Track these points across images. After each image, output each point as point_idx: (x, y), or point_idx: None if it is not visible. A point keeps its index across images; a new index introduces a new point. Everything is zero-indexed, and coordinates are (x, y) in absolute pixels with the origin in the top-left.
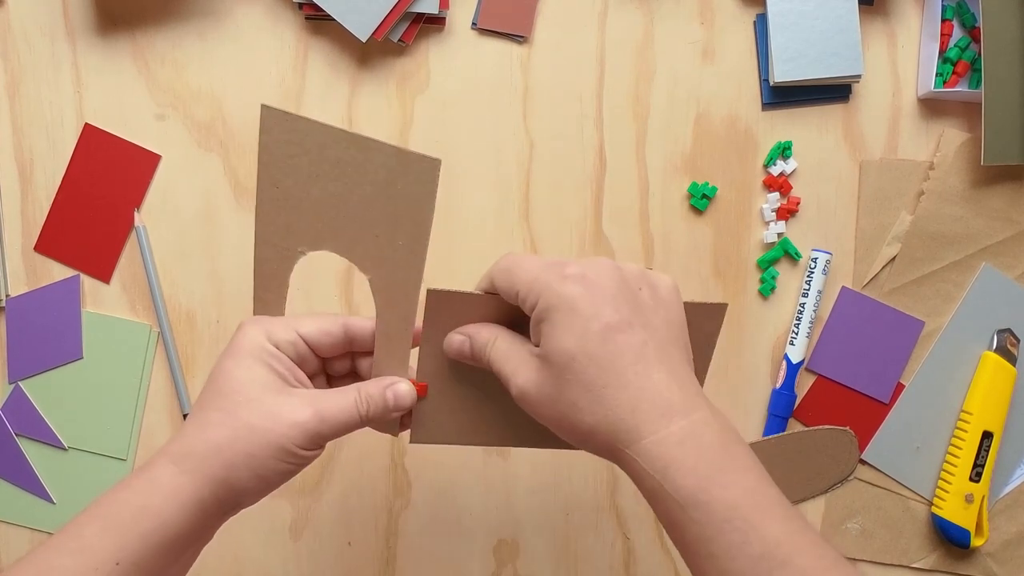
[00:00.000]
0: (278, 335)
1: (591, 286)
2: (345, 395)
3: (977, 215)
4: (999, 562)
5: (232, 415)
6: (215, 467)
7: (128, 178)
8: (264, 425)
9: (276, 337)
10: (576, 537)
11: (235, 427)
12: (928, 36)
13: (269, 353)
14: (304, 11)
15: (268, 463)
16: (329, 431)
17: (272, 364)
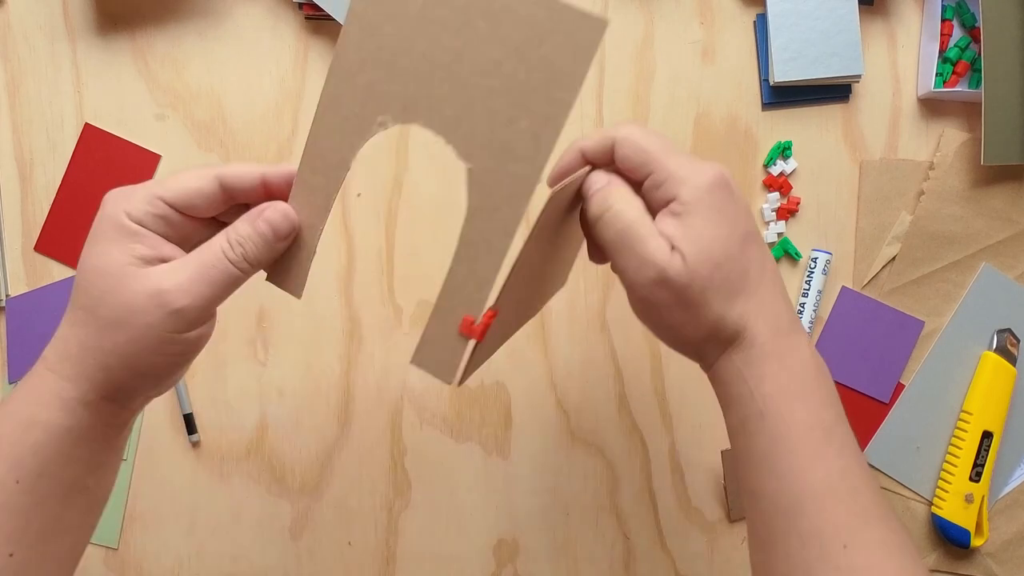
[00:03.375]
0: (137, 209)
1: (732, 191)
2: (208, 249)
3: (977, 215)
4: (999, 562)
5: (93, 313)
6: (90, 368)
7: (128, 178)
8: (124, 320)
9: (135, 211)
10: (576, 537)
11: (97, 325)
12: (928, 36)
13: (126, 231)
14: (304, 11)
15: (144, 358)
16: (200, 301)
17: (128, 244)
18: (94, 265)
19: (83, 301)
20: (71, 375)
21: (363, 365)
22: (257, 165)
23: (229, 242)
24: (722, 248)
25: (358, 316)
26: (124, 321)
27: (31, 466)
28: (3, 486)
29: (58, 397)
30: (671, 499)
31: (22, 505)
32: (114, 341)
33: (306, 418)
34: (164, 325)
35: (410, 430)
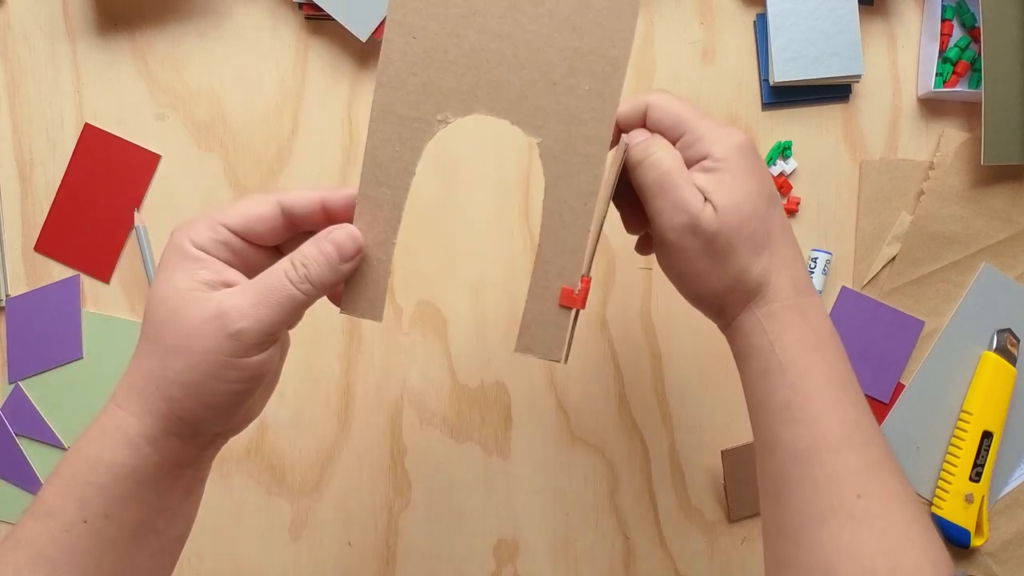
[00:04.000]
0: (199, 235)
1: (758, 155)
2: (272, 271)
3: (977, 215)
4: (999, 562)
5: (156, 341)
6: (154, 401)
7: (128, 178)
8: (183, 343)
9: (197, 237)
10: (576, 537)
11: (160, 352)
12: (928, 36)
13: (190, 257)
14: (304, 11)
15: (207, 385)
16: (261, 325)
17: (192, 269)
18: (157, 292)
19: (148, 330)
20: (136, 410)
21: (363, 365)
22: (317, 190)
23: (292, 264)
24: (751, 204)
25: None
26: (184, 346)
27: (97, 507)
28: (72, 527)
29: (124, 434)
30: (671, 499)
31: (90, 546)
32: (175, 368)
33: (306, 418)
34: (222, 349)
35: (410, 430)
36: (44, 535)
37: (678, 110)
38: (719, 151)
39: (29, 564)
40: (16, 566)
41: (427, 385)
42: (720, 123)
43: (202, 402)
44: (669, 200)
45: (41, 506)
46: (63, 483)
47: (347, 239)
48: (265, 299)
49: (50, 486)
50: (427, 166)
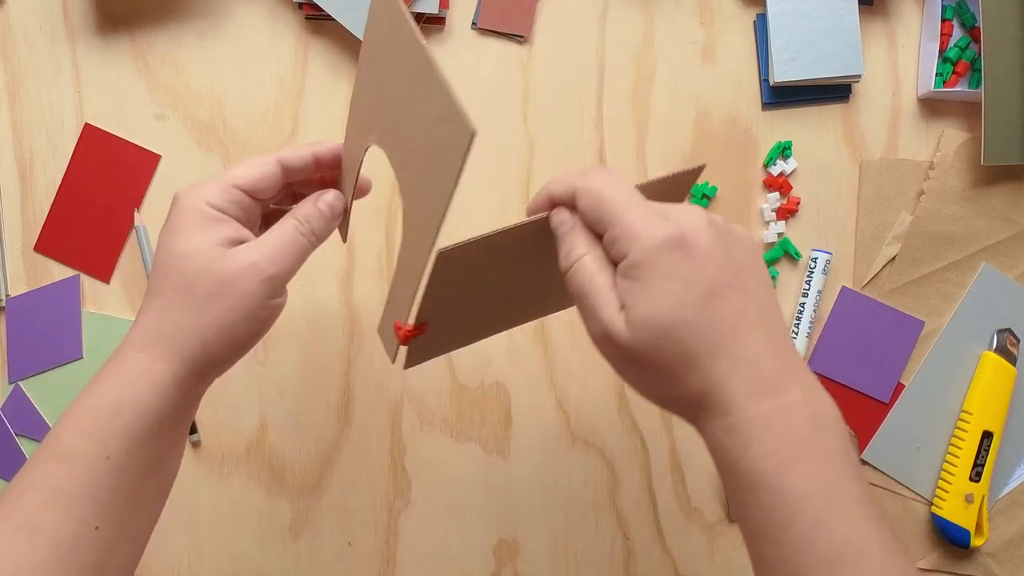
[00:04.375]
0: (216, 197)
1: (690, 248)
2: (284, 227)
3: (977, 215)
4: (999, 562)
5: (189, 292)
6: (188, 346)
7: (128, 178)
8: (223, 291)
9: (215, 200)
10: (576, 537)
11: (196, 302)
12: (928, 36)
13: (211, 218)
14: (304, 11)
15: (239, 327)
16: (285, 269)
17: (215, 229)
18: (185, 251)
19: (177, 283)
20: (164, 355)
21: (363, 365)
22: (307, 146)
23: (298, 220)
24: (670, 314)
25: (358, 316)
26: (223, 293)
27: (119, 444)
28: (93, 463)
29: (149, 377)
30: (671, 499)
31: (109, 482)
32: (214, 313)
33: (306, 418)
34: (258, 291)
35: (410, 430)
36: (62, 474)
37: (605, 199)
38: (636, 253)
39: (44, 503)
40: (30, 508)
41: (427, 385)
42: (656, 210)
43: (232, 342)
44: (586, 308)
45: (56, 449)
46: (81, 426)
47: (335, 199)
48: (284, 249)
49: (65, 431)
50: None
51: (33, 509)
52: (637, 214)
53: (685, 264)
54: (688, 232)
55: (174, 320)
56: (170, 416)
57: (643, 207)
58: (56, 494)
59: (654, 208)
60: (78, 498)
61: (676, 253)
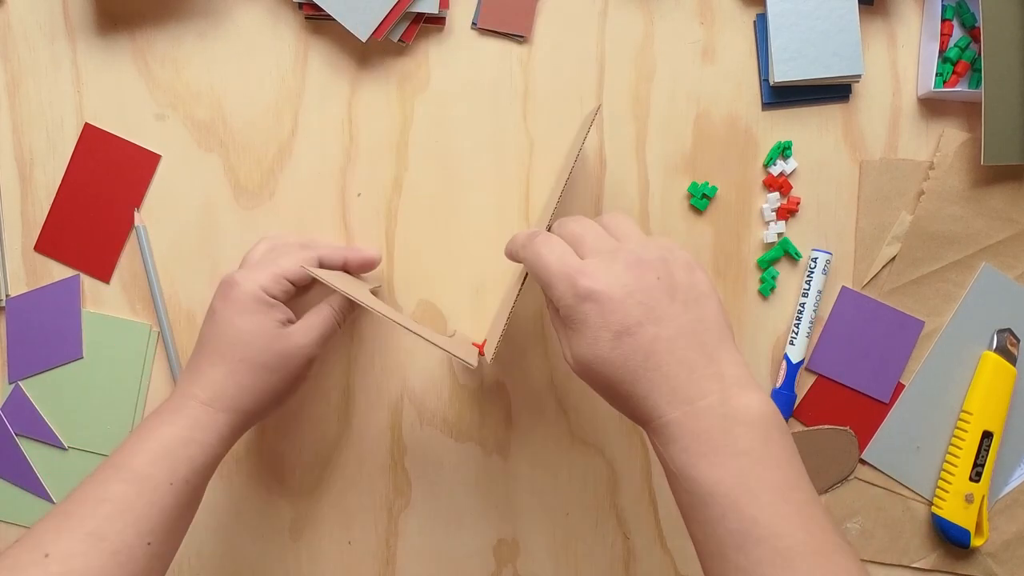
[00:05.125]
0: (272, 287)
1: (601, 299)
2: (322, 314)
3: (977, 215)
4: (999, 562)
5: (252, 363)
6: (247, 404)
7: (128, 178)
8: (280, 365)
9: (270, 288)
10: (576, 537)
11: (257, 371)
12: (928, 36)
13: (267, 304)
14: (304, 11)
15: (283, 392)
16: (321, 350)
17: (272, 313)
18: (251, 329)
19: (243, 354)
20: (227, 408)
21: (363, 365)
22: (341, 249)
23: (334, 309)
24: (589, 353)
25: (358, 316)
26: (279, 367)
27: (183, 474)
28: (159, 486)
29: (214, 425)
30: (671, 499)
31: (167, 505)
32: (270, 381)
33: (306, 418)
34: (303, 366)
35: (410, 430)
36: (132, 493)
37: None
38: (563, 310)
39: (111, 516)
40: (99, 519)
41: (427, 385)
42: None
43: (276, 402)
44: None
45: (128, 472)
46: (153, 456)
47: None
48: (323, 335)
49: (136, 456)
50: (427, 166)
51: (101, 521)
52: (560, 279)
53: (596, 314)
54: (599, 284)
55: (238, 383)
56: (220, 455)
57: (566, 268)
58: (124, 510)
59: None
60: (141, 516)
61: (588, 305)
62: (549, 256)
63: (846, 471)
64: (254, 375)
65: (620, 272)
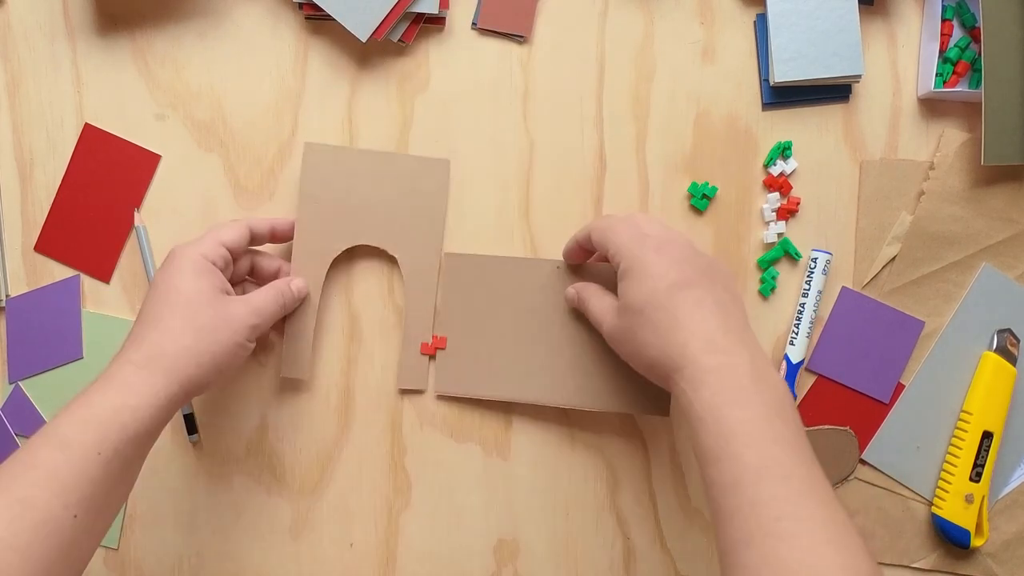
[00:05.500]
0: (211, 252)
1: (663, 253)
2: (266, 293)
3: (977, 215)
4: (999, 562)
5: (192, 321)
6: (186, 366)
7: (128, 178)
8: (220, 326)
9: (209, 253)
10: (576, 537)
11: (197, 331)
12: (928, 36)
13: (207, 269)
14: (304, 11)
15: (226, 358)
16: (263, 322)
17: (211, 276)
18: (190, 289)
19: (182, 313)
20: (164, 371)
21: (363, 365)
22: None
23: (277, 290)
24: (647, 298)
25: (358, 316)
26: (219, 328)
27: (113, 443)
28: (87, 456)
29: (151, 389)
30: (671, 499)
31: (96, 475)
32: (209, 342)
33: (306, 418)
34: (243, 332)
35: (410, 430)
36: (60, 460)
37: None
38: (624, 264)
39: (38, 483)
40: (25, 486)
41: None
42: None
43: (217, 369)
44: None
45: (58, 439)
46: (82, 420)
47: (303, 285)
48: (265, 307)
49: (65, 423)
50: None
51: (27, 488)
52: (629, 236)
53: (658, 265)
54: (664, 243)
55: (176, 343)
56: (156, 427)
57: (635, 233)
58: (51, 478)
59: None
60: (68, 485)
61: (651, 256)
62: (621, 224)
63: (846, 471)
64: (195, 335)
65: (679, 242)
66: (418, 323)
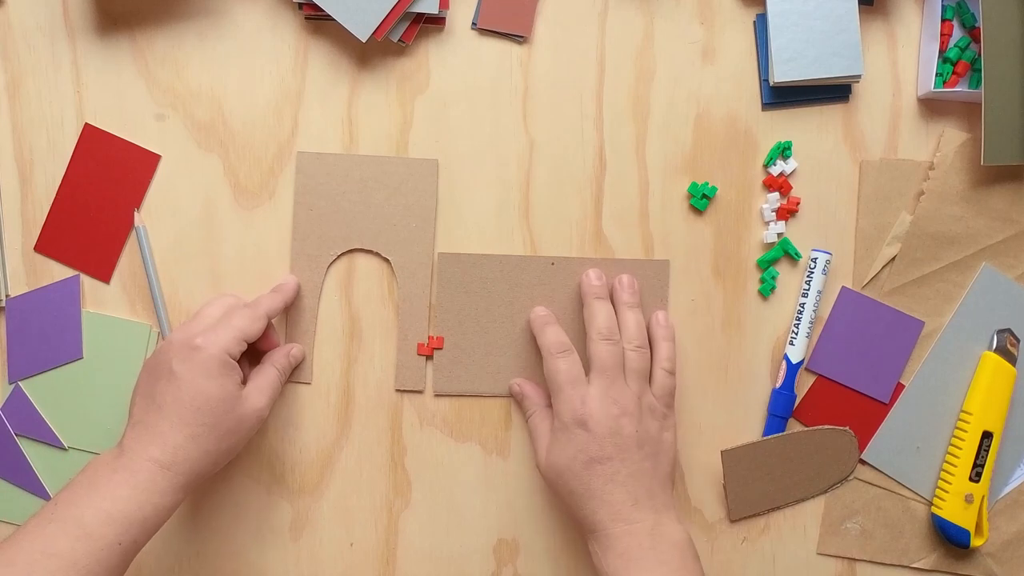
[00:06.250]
0: (234, 348)
1: (589, 428)
2: (268, 373)
3: (977, 215)
4: (999, 562)
5: (216, 428)
6: (206, 466)
7: (128, 178)
8: (240, 427)
9: (232, 350)
10: (576, 537)
11: (220, 436)
12: (928, 36)
13: (229, 366)
14: (304, 11)
15: (237, 450)
16: (270, 410)
17: (233, 376)
18: (217, 395)
19: (207, 420)
20: (186, 472)
21: (363, 365)
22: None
23: (278, 370)
24: (565, 464)
25: (358, 316)
26: (237, 430)
27: (134, 535)
28: (109, 548)
29: (172, 488)
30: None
31: (114, 564)
32: (228, 443)
33: (306, 418)
34: (256, 427)
35: (410, 430)
36: (80, 552)
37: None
38: (559, 421)
39: (59, 572)
40: (45, 570)
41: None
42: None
43: (229, 460)
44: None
45: (81, 529)
46: (106, 516)
47: (299, 352)
48: (272, 396)
49: (90, 515)
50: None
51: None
52: (568, 396)
53: (582, 437)
54: (591, 417)
55: (201, 448)
56: (170, 515)
57: (575, 391)
58: (72, 566)
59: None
60: (85, 574)
61: (579, 430)
62: (565, 373)
63: (846, 471)
64: (218, 440)
65: (613, 412)
66: (413, 324)
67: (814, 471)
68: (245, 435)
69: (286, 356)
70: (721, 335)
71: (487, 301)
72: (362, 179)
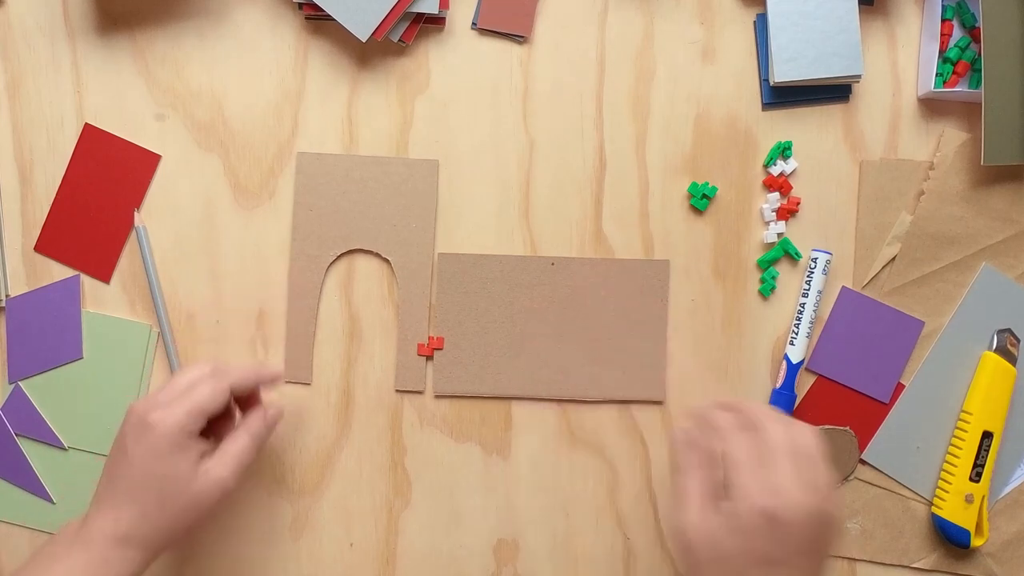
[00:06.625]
0: (190, 424)
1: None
2: (239, 441)
3: (977, 215)
4: (999, 562)
5: (168, 507)
6: (163, 540)
7: (128, 178)
8: (195, 505)
9: (189, 427)
10: (576, 537)
11: (175, 514)
12: (928, 36)
13: (183, 446)
14: (304, 11)
15: (197, 524)
16: (239, 477)
17: (189, 452)
18: (167, 474)
19: (158, 498)
20: (143, 548)
21: (363, 365)
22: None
23: (251, 435)
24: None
25: (358, 316)
26: (195, 507)
27: None
28: None
29: (126, 563)
30: (671, 499)
31: None
32: (185, 520)
33: (306, 418)
34: (219, 498)
35: (410, 430)
36: None
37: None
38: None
39: None
40: None
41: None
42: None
43: (186, 535)
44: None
45: None
46: None
47: (277, 414)
48: (241, 463)
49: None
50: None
51: None
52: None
53: (765, 533)
54: (782, 512)
55: (154, 526)
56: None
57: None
58: None
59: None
60: None
61: (764, 521)
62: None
63: (846, 471)
64: (172, 517)
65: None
66: (413, 324)
67: None
68: (206, 508)
69: (262, 419)
70: (721, 335)
71: (487, 301)
72: (362, 179)
